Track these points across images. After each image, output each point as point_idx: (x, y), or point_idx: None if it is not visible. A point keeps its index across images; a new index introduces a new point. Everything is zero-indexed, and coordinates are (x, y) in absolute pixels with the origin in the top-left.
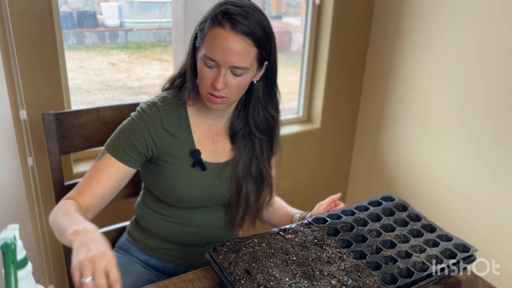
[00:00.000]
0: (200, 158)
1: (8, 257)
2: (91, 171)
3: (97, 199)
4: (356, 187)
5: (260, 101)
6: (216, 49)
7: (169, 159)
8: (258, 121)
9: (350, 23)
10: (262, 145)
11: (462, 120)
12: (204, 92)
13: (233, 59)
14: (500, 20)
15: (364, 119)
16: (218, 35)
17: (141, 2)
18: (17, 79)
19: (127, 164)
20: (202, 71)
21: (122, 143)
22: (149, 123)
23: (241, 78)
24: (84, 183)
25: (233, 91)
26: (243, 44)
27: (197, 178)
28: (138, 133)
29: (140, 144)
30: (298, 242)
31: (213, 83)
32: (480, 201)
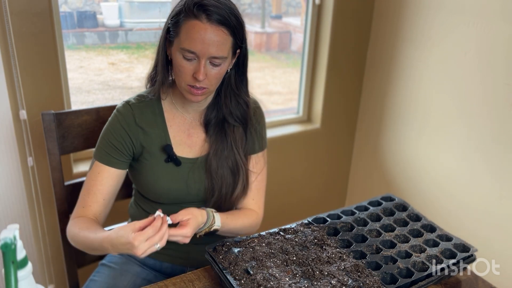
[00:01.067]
0: (172, 153)
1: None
2: (86, 182)
3: (101, 206)
4: (356, 187)
5: (232, 89)
6: (194, 41)
7: (146, 155)
8: (231, 108)
9: (350, 23)
10: (236, 134)
11: (462, 120)
12: (183, 85)
13: (212, 49)
14: (500, 20)
15: (364, 119)
16: (195, 27)
17: (141, 2)
18: (17, 79)
19: (115, 167)
20: (180, 64)
21: (105, 148)
22: (123, 122)
23: (220, 67)
24: (83, 196)
25: (212, 81)
26: (221, 34)
27: (172, 173)
28: (116, 134)
29: (120, 145)
30: (298, 242)
31: (194, 75)
32: (480, 201)
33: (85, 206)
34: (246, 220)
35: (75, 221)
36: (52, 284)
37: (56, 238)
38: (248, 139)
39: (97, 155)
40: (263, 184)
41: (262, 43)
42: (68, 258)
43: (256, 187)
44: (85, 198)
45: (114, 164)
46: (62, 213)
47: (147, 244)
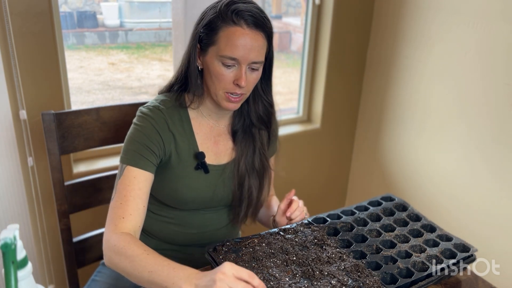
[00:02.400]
0: (204, 161)
1: (8, 257)
2: (119, 190)
3: (141, 215)
4: (356, 187)
5: (260, 94)
6: (236, 48)
7: (173, 162)
8: (260, 113)
9: (350, 23)
10: (262, 137)
11: (462, 120)
12: (221, 92)
13: (253, 55)
14: (500, 20)
15: (364, 119)
16: (236, 33)
17: (141, 2)
18: (17, 79)
19: (150, 170)
20: (220, 72)
21: (139, 151)
22: (156, 125)
23: (257, 72)
24: (120, 205)
25: (250, 87)
26: (260, 39)
27: (200, 181)
28: (149, 136)
29: (154, 146)
30: (298, 242)
31: (236, 81)
32: (480, 201)
33: (125, 216)
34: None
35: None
36: (52, 284)
37: (56, 238)
38: (272, 140)
39: (129, 159)
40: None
41: None
42: (68, 258)
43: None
44: (123, 208)
45: (148, 167)
46: (62, 213)
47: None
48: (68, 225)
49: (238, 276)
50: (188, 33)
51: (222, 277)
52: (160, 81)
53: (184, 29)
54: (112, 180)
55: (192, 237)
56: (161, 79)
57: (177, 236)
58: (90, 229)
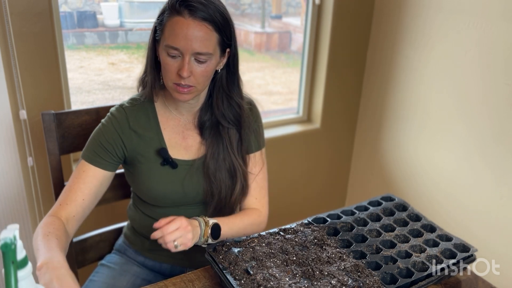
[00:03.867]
0: (167, 157)
1: (8, 257)
2: (69, 180)
3: (77, 206)
4: (356, 187)
5: (224, 89)
6: (177, 37)
7: (140, 159)
8: (223, 110)
9: (350, 23)
10: (231, 136)
11: (462, 120)
12: (170, 83)
13: (195, 45)
14: (500, 20)
15: (364, 119)
16: (178, 23)
17: (141, 2)
18: (17, 79)
19: (101, 167)
20: (166, 62)
21: (94, 148)
22: (116, 125)
23: (206, 65)
24: (63, 193)
25: (199, 79)
26: (204, 30)
27: (169, 176)
28: (107, 136)
29: (110, 146)
30: (298, 242)
31: (179, 71)
32: (480, 201)
33: (62, 203)
34: (246, 219)
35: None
36: None
37: None
38: (244, 139)
39: (84, 154)
40: (264, 183)
41: (262, 43)
42: (68, 258)
43: (258, 185)
44: (64, 196)
45: (101, 164)
46: None
47: None
48: None
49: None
50: None
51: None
52: None
53: None
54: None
55: None
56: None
57: None
58: (89, 229)
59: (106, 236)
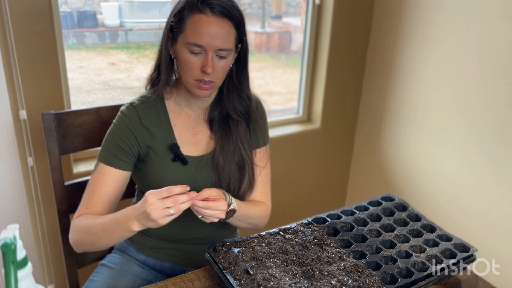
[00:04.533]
0: (179, 153)
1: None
2: (90, 184)
3: (105, 208)
4: (356, 187)
5: (234, 83)
6: (201, 34)
7: (152, 156)
8: (234, 103)
9: (350, 23)
10: (240, 129)
11: (462, 120)
12: (191, 80)
13: (218, 42)
14: (500, 20)
15: (364, 119)
16: (201, 20)
17: (141, 2)
18: (17, 79)
19: (121, 168)
20: (188, 59)
21: (111, 149)
22: (128, 123)
23: (226, 60)
24: (87, 197)
25: (219, 74)
26: (225, 26)
27: (180, 173)
28: (121, 135)
29: (126, 146)
30: (298, 242)
31: (203, 68)
32: (480, 201)
33: (89, 207)
34: (258, 209)
35: (82, 217)
36: (52, 284)
37: (56, 238)
38: (252, 133)
39: (102, 157)
40: (269, 178)
41: (262, 43)
42: (68, 258)
43: (263, 180)
44: (89, 200)
45: (120, 165)
46: (62, 213)
47: (160, 204)
48: (68, 225)
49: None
50: None
51: (151, 207)
52: None
53: None
54: None
55: (186, 232)
56: None
57: (171, 231)
58: None
59: None
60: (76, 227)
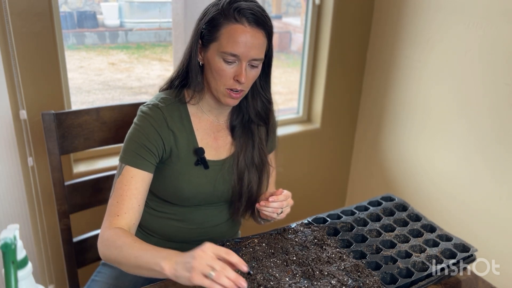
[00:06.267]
0: (203, 157)
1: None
2: (117, 189)
3: (135, 213)
4: (356, 187)
5: (258, 90)
6: (237, 44)
7: (174, 159)
8: (258, 109)
9: (350, 23)
10: (261, 133)
11: (462, 120)
12: (222, 88)
13: (253, 52)
14: (500, 20)
15: (364, 119)
16: (238, 30)
17: (141, 2)
18: (17, 79)
19: (148, 170)
20: (221, 68)
21: (137, 151)
22: (155, 124)
23: (257, 69)
24: (116, 203)
25: (249, 83)
26: (260, 37)
27: (200, 177)
28: (148, 136)
29: (153, 146)
30: (298, 242)
31: (236, 77)
32: (480, 201)
33: (120, 214)
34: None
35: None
36: (52, 284)
37: (56, 238)
38: (269, 137)
39: (127, 159)
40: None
41: None
42: (68, 258)
43: (273, 182)
44: (119, 206)
45: (147, 167)
46: (62, 213)
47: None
48: (68, 225)
49: (217, 255)
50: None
51: (201, 254)
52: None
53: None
54: (112, 180)
55: (192, 233)
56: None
57: (178, 232)
58: (90, 229)
59: None
60: (108, 241)
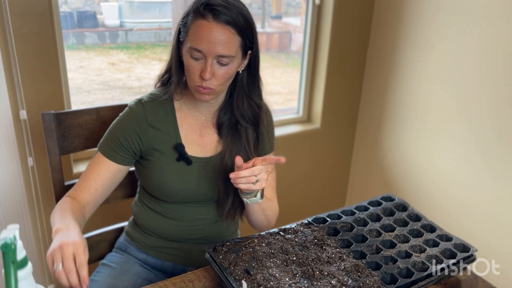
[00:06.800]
0: (184, 152)
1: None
2: (86, 169)
3: (91, 195)
4: (356, 187)
5: (244, 90)
6: (201, 40)
7: (156, 154)
8: (243, 110)
9: (350, 23)
10: (248, 135)
11: (462, 120)
12: (192, 84)
13: (218, 48)
14: (500, 20)
15: (364, 119)
16: (202, 26)
17: (141, 2)
18: (17, 79)
19: (116, 162)
20: (189, 64)
21: (111, 142)
22: (134, 119)
23: (228, 67)
24: (79, 180)
25: (220, 81)
26: (227, 33)
27: (183, 173)
28: (124, 131)
29: (126, 142)
30: (298, 242)
31: (201, 74)
32: (480, 201)
33: (77, 190)
34: (272, 205)
35: (64, 199)
36: (52, 284)
37: None
38: (260, 140)
39: (101, 147)
40: (274, 184)
41: (262, 43)
42: None
43: (270, 185)
44: (79, 183)
45: (116, 159)
46: None
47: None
48: None
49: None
50: None
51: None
52: None
53: None
54: None
55: (187, 231)
56: None
57: (172, 230)
58: (90, 229)
59: (107, 235)
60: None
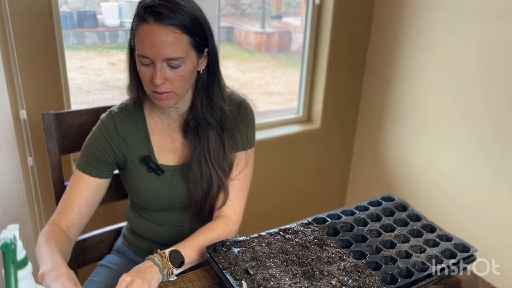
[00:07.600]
0: (150, 164)
1: (8, 257)
2: (66, 189)
3: (75, 214)
4: (356, 187)
5: (204, 90)
6: (145, 45)
7: (129, 165)
8: (204, 112)
9: (350, 23)
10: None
11: (462, 120)
12: (148, 91)
13: (164, 51)
14: (500, 20)
15: (364, 119)
16: (144, 30)
17: None
18: (17, 79)
19: (95, 176)
20: (140, 71)
21: (86, 157)
22: (105, 132)
23: (180, 69)
24: (61, 202)
25: (175, 84)
26: (171, 34)
27: (156, 183)
28: (97, 144)
29: (101, 155)
30: (298, 242)
31: (152, 80)
32: (480, 201)
33: (60, 213)
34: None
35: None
36: None
37: None
38: (226, 141)
39: (78, 163)
40: (243, 185)
41: (262, 43)
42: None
43: (235, 187)
44: (62, 205)
45: (94, 173)
46: None
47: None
48: None
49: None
50: None
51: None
52: None
53: None
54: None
55: (177, 235)
56: None
57: (163, 235)
58: (89, 229)
59: (106, 236)
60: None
